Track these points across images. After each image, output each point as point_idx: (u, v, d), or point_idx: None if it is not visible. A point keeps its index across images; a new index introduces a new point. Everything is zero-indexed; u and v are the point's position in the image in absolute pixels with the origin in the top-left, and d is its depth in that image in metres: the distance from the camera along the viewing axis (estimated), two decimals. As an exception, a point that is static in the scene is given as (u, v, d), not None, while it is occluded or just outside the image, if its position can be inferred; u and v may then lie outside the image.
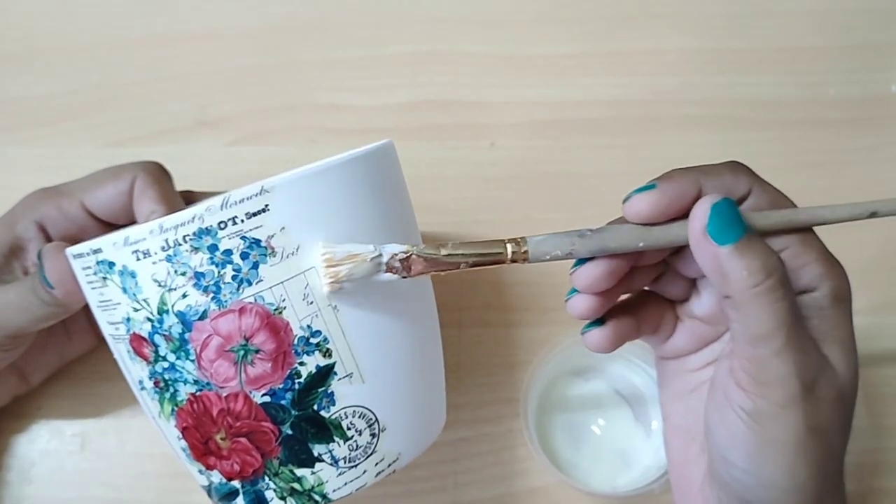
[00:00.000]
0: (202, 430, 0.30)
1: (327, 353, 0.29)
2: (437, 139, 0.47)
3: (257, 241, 0.27)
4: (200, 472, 0.31)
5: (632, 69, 0.49)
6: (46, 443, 0.40)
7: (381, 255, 0.27)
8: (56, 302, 0.32)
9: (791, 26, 0.51)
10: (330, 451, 0.30)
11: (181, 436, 0.30)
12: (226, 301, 0.27)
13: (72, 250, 0.30)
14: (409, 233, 0.33)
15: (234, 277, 0.27)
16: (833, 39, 0.50)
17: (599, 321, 0.29)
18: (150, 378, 0.30)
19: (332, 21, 0.50)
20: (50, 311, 0.33)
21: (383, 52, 0.49)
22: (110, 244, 0.28)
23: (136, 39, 0.49)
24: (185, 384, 0.29)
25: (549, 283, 0.44)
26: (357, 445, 0.30)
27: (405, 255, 0.26)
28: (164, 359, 0.29)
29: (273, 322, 0.28)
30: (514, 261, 0.27)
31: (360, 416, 0.30)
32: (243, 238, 0.27)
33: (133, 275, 0.28)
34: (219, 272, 0.27)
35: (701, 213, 0.26)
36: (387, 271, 0.27)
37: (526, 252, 0.27)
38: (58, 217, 0.35)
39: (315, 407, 0.29)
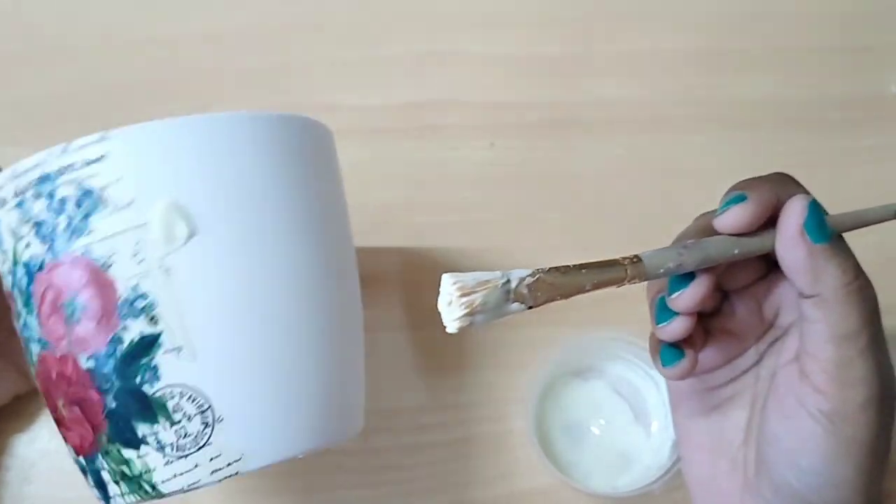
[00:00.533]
0: (50, 396, 0.28)
1: (153, 320, 0.26)
2: (437, 139, 0.47)
3: (90, 192, 0.25)
4: (65, 443, 0.30)
5: (632, 69, 0.49)
6: (46, 443, 0.40)
7: (509, 280, 0.24)
8: None
9: (791, 26, 0.51)
10: (155, 434, 0.27)
11: (45, 401, 0.29)
12: (59, 252, 0.26)
13: None
14: (323, 226, 0.30)
15: (66, 227, 0.26)
16: (833, 39, 0.50)
17: (678, 354, 0.28)
18: (22, 338, 0.29)
19: (332, 21, 0.50)
20: None
21: (383, 52, 0.49)
22: None
23: (136, 39, 0.49)
24: (34, 343, 0.28)
25: (549, 283, 0.44)
26: (186, 433, 0.27)
27: (533, 280, 0.24)
28: (20, 315, 0.28)
29: (100, 278, 0.26)
30: (630, 280, 0.25)
31: (188, 399, 0.27)
32: (79, 186, 0.25)
33: None
34: (55, 220, 0.26)
35: (798, 210, 0.26)
36: (514, 300, 0.24)
37: (642, 270, 0.26)
38: None
39: (137, 380, 0.26)
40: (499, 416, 0.42)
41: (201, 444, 0.27)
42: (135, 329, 0.26)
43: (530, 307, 0.24)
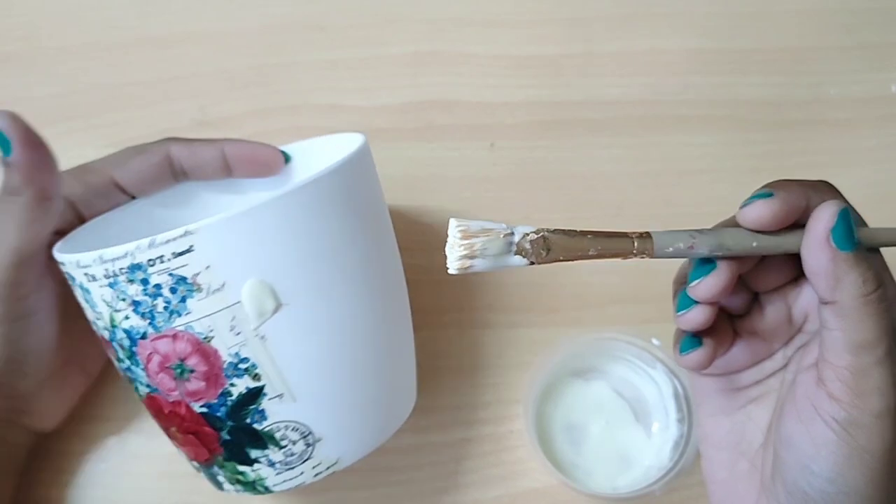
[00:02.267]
0: (162, 421, 0.33)
1: (256, 377, 0.30)
2: (437, 139, 0.47)
3: (184, 279, 0.28)
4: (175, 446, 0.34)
5: (632, 69, 0.49)
6: (47, 443, 0.40)
7: (513, 233, 0.25)
8: (22, 178, 0.30)
9: (791, 26, 0.51)
10: (266, 456, 0.31)
11: (153, 419, 0.33)
12: (160, 327, 0.29)
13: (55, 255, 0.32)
14: (375, 252, 0.33)
15: (165, 308, 0.29)
16: (833, 39, 0.50)
17: (696, 342, 0.29)
18: (121, 372, 0.33)
19: (332, 21, 0.50)
20: (25, 204, 0.31)
21: (383, 52, 0.49)
22: (68, 262, 0.30)
23: (136, 39, 0.49)
24: (141, 385, 0.31)
25: (551, 283, 0.44)
26: (292, 453, 0.32)
27: (537, 236, 0.24)
28: (123, 362, 0.31)
29: (203, 348, 0.29)
30: (637, 254, 0.25)
31: (293, 430, 0.31)
32: (171, 275, 0.28)
33: (88, 291, 0.30)
34: (152, 302, 0.29)
35: (827, 216, 0.25)
36: (517, 253, 0.25)
37: (649, 246, 0.25)
38: (84, 192, 0.36)
39: (248, 420, 0.31)
40: (499, 416, 0.42)
41: (305, 458, 0.32)
42: (241, 385, 0.30)
43: (532, 263, 0.25)
